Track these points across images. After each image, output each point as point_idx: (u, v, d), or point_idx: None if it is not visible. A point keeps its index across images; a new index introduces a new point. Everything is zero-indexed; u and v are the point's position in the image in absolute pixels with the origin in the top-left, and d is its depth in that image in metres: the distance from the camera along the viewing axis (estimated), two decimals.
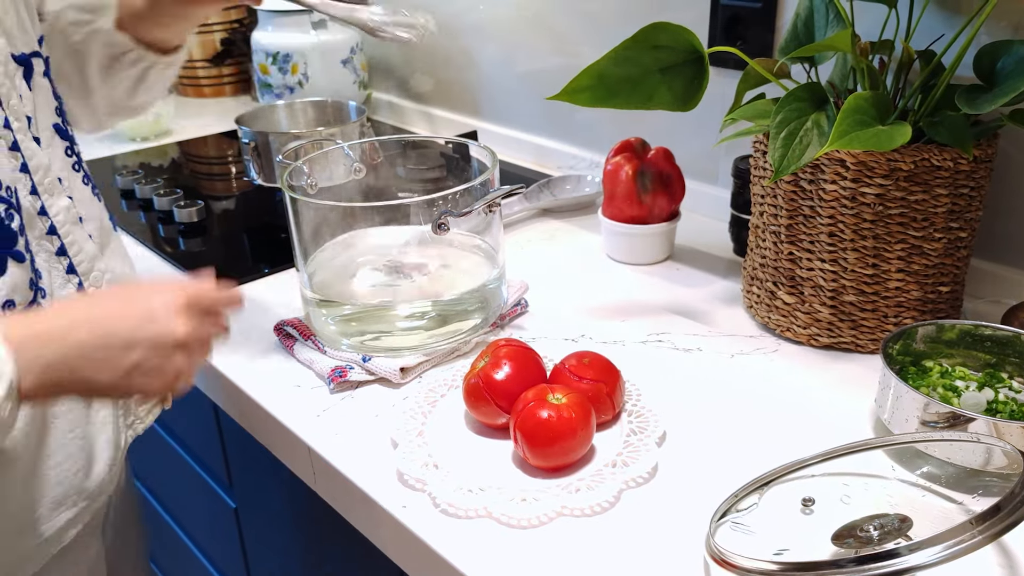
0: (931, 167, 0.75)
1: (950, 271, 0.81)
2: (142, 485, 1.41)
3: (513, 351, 0.74)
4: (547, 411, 0.66)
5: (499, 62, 1.40)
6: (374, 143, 0.99)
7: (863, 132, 0.71)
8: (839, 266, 0.80)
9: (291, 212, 0.83)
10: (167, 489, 1.33)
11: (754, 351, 0.85)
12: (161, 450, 1.24)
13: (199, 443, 1.13)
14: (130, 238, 1.15)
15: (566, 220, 1.18)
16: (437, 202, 0.79)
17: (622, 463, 0.68)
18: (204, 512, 1.20)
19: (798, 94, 0.76)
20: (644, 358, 0.84)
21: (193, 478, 1.17)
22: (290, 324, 0.87)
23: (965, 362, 0.75)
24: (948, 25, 0.86)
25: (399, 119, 1.64)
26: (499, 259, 0.88)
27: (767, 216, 0.85)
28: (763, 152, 0.84)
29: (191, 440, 1.16)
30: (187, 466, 1.18)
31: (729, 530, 0.61)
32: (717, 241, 1.08)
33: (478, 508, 0.65)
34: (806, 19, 0.86)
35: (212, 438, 1.06)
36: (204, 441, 1.10)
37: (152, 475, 1.36)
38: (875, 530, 0.57)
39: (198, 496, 1.18)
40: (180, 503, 1.30)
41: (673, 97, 0.80)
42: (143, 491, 1.40)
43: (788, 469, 0.66)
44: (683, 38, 0.78)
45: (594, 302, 0.95)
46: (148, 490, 1.40)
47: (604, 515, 0.64)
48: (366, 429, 0.75)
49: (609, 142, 1.15)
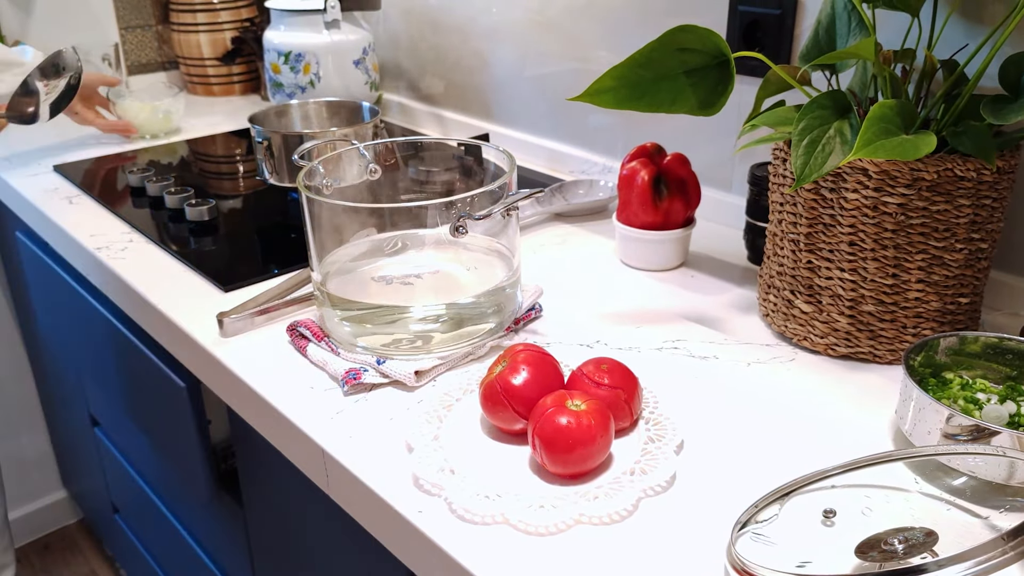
0: (954, 177, 0.75)
1: (970, 282, 0.81)
2: (147, 487, 1.40)
3: (531, 356, 0.73)
4: (566, 417, 0.66)
5: (512, 65, 1.39)
6: (389, 144, 0.99)
7: (888, 141, 0.70)
8: (859, 276, 0.80)
9: (307, 212, 0.83)
10: (175, 494, 1.32)
11: (771, 360, 0.84)
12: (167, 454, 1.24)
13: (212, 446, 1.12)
14: (140, 235, 1.15)
15: (579, 225, 1.17)
16: (456, 204, 0.79)
17: (640, 471, 0.67)
18: (212, 515, 1.19)
19: (821, 101, 0.76)
20: (660, 365, 0.83)
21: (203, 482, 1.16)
22: (303, 325, 0.87)
23: (985, 375, 0.74)
24: (971, 35, 0.85)
25: (410, 121, 1.64)
26: (515, 263, 0.87)
27: (786, 224, 0.84)
28: (784, 159, 0.83)
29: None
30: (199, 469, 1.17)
31: (750, 541, 0.61)
32: (731, 248, 1.07)
33: (495, 514, 0.64)
34: (828, 26, 0.85)
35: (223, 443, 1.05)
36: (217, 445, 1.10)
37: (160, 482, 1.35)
38: (900, 544, 0.56)
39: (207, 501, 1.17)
40: (186, 506, 1.29)
41: (697, 101, 0.79)
42: (149, 493, 1.39)
43: (808, 480, 0.65)
44: (710, 41, 0.77)
45: (608, 308, 0.95)
46: (155, 493, 1.39)
47: (622, 523, 0.64)
48: (381, 432, 0.74)
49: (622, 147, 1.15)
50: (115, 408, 1.38)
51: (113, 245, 1.12)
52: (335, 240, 0.86)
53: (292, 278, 0.98)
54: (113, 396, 1.32)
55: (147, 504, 1.41)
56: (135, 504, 1.50)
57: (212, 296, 0.99)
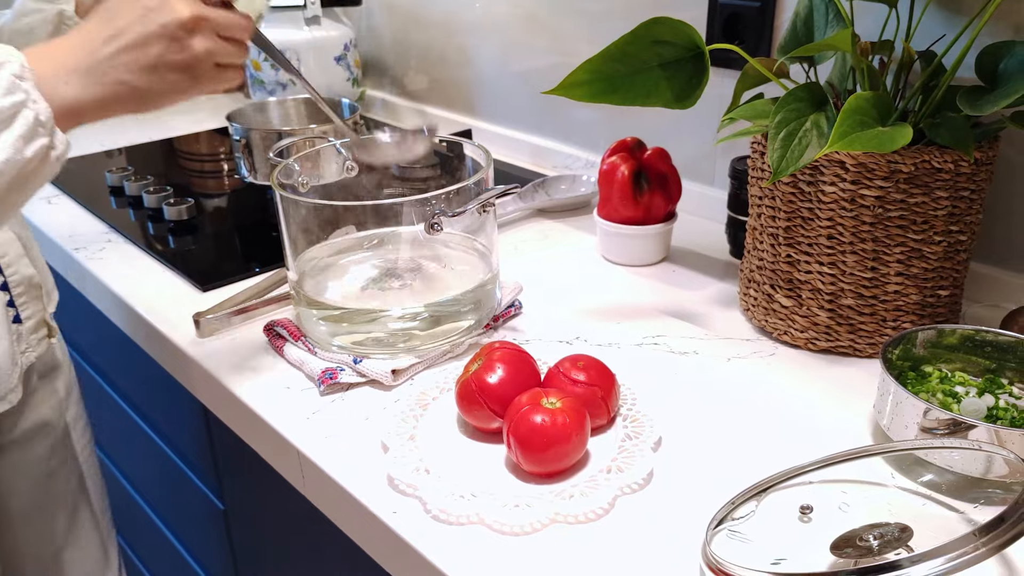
0: (932, 169, 0.74)
1: (949, 275, 0.80)
2: (131, 487, 1.39)
3: (507, 354, 0.72)
4: (541, 416, 0.65)
5: (495, 60, 1.39)
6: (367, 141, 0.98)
7: (864, 133, 0.70)
8: (838, 269, 0.79)
9: (281, 211, 0.82)
10: (155, 491, 1.31)
11: (751, 355, 0.84)
12: (149, 452, 1.23)
13: (188, 445, 1.11)
14: (118, 235, 1.14)
15: (561, 220, 1.16)
16: (430, 202, 0.78)
17: (617, 469, 0.67)
18: (193, 515, 1.18)
19: (797, 94, 0.75)
20: (639, 361, 0.83)
21: (182, 480, 1.16)
22: (280, 324, 0.86)
23: (965, 367, 0.74)
24: (949, 26, 0.85)
25: (393, 117, 1.63)
26: (493, 260, 0.87)
27: (765, 218, 0.84)
28: (761, 153, 0.83)
29: (180, 442, 1.14)
30: (176, 468, 1.16)
31: (726, 538, 0.60)
32: (713, 243, 1.07)
33: (470, 514, 0.63)
34: (805, 18, 0.85)
35: (201, 440, 1.04)
36: (193, 443, 1.09)
37: (140, 477, 1.34)
38: (875, 539, 0.56)
39: (187, 499, 1.17)
40: (168, 506, 1.28)
41: (672, 94, 0.78)
42: (131, 492, 1.39)
43: (786, 476, 0.64)
44: (684, 33, 0.77)
45: (589, 304, 0.94)
46: (137, 492, 1.38)
47: (598, 522, 0.63)
48: (356, 432, 0.74)
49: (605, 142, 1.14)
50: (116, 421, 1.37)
51: (91, 246, 1.11)
52: (311, 239, 0.85)
53: (270, 277, 0.97)
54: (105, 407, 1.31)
55: (132, 505, 1.41)
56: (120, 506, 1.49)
57: (190, 296, 0.98)
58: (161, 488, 1.28)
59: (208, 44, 0.64)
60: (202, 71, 0.64)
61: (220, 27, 0.65)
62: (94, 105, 0.61)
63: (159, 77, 0.62)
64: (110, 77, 0.61)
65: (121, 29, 0.61)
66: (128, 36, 0.61)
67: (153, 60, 0.61)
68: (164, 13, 0.61)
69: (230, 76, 0.68)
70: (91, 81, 0.60)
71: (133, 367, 1.13)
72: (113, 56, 0.61)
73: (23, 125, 0.57)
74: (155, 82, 0.62)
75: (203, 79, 0.65)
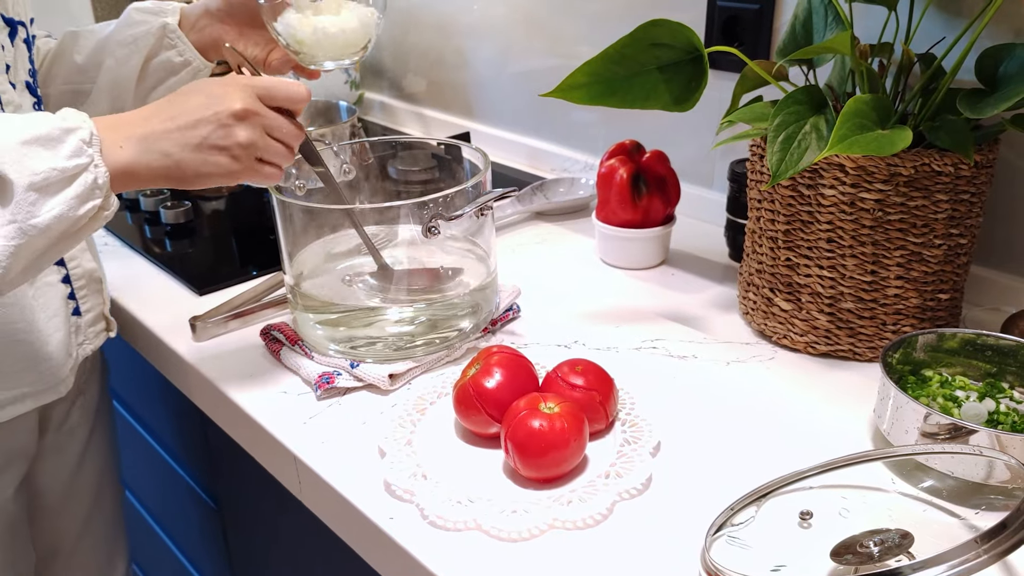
0: (931, 172, 0.74)
1: (950, 278, 0.80)
2: (129, 492, 1.38)
3: (505, 358, 0.72)
4: (539, 421, 0.65)
5: (493, 63, 1.38)
6: (364, 144, 0.97)
7: (863, 136, 0.69)
8: (837, 272, 0.79)
9: (278, 214, 0.81)
10: (153, 496, 1.30)
11: (750, 359, 0.83)
12: (147, 457, 1.22)
13: (186, 450, 1.11)
14: (115, 239, 1.13)
15: (559, 223, 1.16)
16: (427, 205, 0.77)
17: (615, 474, 0.66)
18: (191, 519, 1.18)
19: (796, 97, 0.75)
20: (638, 365, 0.82)
21: (179, 485, 1.15)
22: (277, 328, 0.86)
23: (965, 371, 0.74)
24: (948, 28, 0.84)
25: (391, 120, 1.63)
26: (491, 263, 0.86)
27: (764, 221, 0.83)
28: (760, 156, 0.82)
29: (178, 447, 1.14)
30: (173, 473, 1.16)
31: (725, 544, 0.60)
32: (712, 246, 1.07)
33: (467, 520, 0.63)
34: (805, 20, 0.84)
35: (199, 445, 1.04)
36: (191, 448, 1.09)
37: (136, 480, 1.33)
38: (875, 546, 0.55)
39: (185, 503, 1.16)
40: (167, 510, 1.28)
41: (671, 97, 0.78)
42: (128, 495, 1.38)
43: (785, 481, 0.64)
44: (682, 35, 0.76)
45: (588, 307, 0.94)
46: (135, 497, 1.37)
47: (597, 528, 0.63)
48: (353, 437, 0.73)
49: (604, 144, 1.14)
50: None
51: None
52: (308, 242, 0.84)
53: (266, 281, 0.97)
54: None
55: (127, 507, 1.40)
56: None
57: (187, 300, 0.97)
58: (156, 490, 1.28)
59: (253, 137, 0.69)
60: (242, 160, 0.69)
61: (270, 126, 0.70)
62: (143, 171, 0.66)
63: (201, 156, 0.67)
64: (158, 147, 0.66)
65: (182, 111, 0.67)
66: (185, 117, 0.67)
67: (198, 140, 0.67)
68: (221, 102, 0.68)
69: (269, 172, 0.72)
70: (142, 149, 0.66)
71: (130, 370, 1.13)
72: (166, 131, 0.67)
73: (81, 186, 0.62)
74: (197, 160, 0.67)
75: (243, 168, 0.69)
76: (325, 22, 0.83)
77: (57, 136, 0.62)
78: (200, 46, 0.90)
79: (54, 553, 0.97)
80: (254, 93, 0.69)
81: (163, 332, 0.91)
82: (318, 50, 0.85)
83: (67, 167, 0.62)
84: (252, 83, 0.70)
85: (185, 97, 0.69)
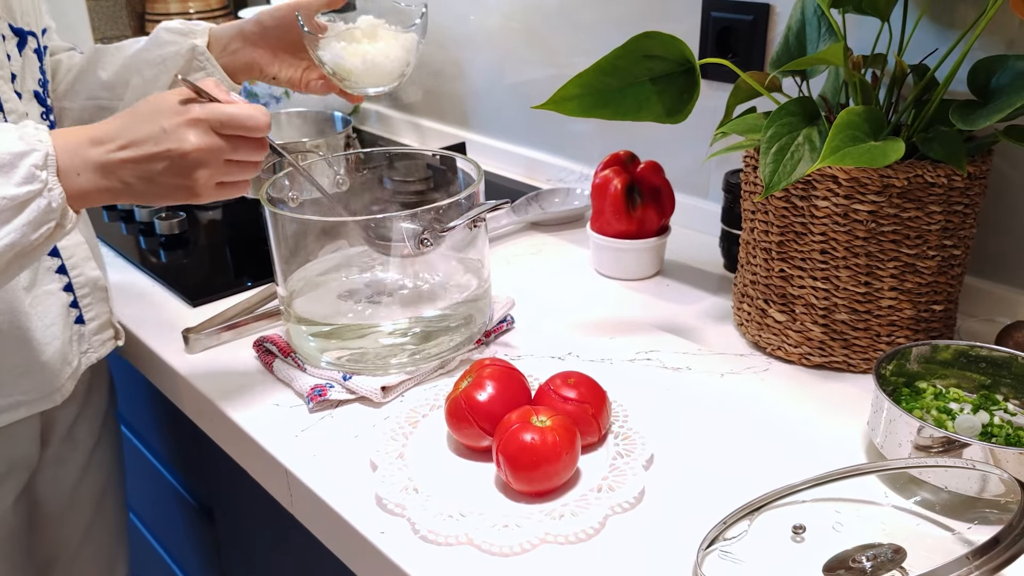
0: (925, 184, 0.74)
1: (944, 289, 0.80)
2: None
3: (497, 371, 0.72)
4: (531, 434, 0.64)
5: (489, 73, 1.38)
6: (359, 155, 0.97)
7: (856, 148, 0.69)
8: (831, 284, 0.79)
9: (271, 226, 0.81)
10: (146, 505, 1.30)
11: (744, 370, 0.83)
12: (140, 467, 1.22)
13: (179, 460, 1.10)
14: (109, 249, 1.13)
15: (554, 234, 1.16)
16: (421, 216, 0.77)
17: (608, 488, 0.66)
18: (183, 529, 1.17)
19: (789, 108, 0.74)
20: (632, 377, 0.82)
21: (172, 494, 1.15)
22: (270, 340, 0.85)
23: (959, 383, 0.73)
24: (941, 39, 0.84)
25: (387, 130, 1.63)
26: (484, 274, 0.86)
27: (758, 232, 0.83)
28: (754, 167, 0.82)
29: (170, 456, 1.13)
30: (166, 482, 1.15)
31: (718, 559, 0.59)
32: (707, 256, 1.06)
33: (459, 535, 0.62)
34: (798, 32, 0.84)
35: (192, 454, 1.03)
36: (184, 458, 1.08)
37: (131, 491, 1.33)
38: (868, 561, 0.55)
39: (177, 513, 1.16)
40: (159, 519, 1.27)
41: (663, 108, 0.78)
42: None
43: (778, 495, 0.64)
44: (675, 48, 0.76)
45: (582, 318, 0.93)
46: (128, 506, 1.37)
47: (589, 542, 0.62)
48: (345, 450, 0.73)
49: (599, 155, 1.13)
50: None
51: None
52: (301, 254, 0.84)
53: (260, 292, 0.96)
54: None
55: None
56: None
57: (180, 311, 0.97)
58: (149, 499, 1.27)
59: (210, 171, 0.68)
60: (202, 189, 0.68)
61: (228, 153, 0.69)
62: (101, 194, 0.67)
63: (158, 187, 0.68)
64: (116, 176, 0.67)
65: (136, 140, 0.66)
66: (140, 149, 0.66)
67: (155, 173, 0.67)
68: (174, 140, 0.66)
69: (233, 191, 0.71)
70: (100, 176, 0.66)
71: (122, 380, 1.13)
72: (123, 161, 0.66)
73: (34, 211, 0.63)
74: (155, 189, 0.68)
75: (205, 195, 0.69)
76: (373, 52, 0.85)
77: (9, 161, 0.62)
78: (231, 69, 0.91)
79: (53, 561, 0.96)
80: (208, 127, 0.67)
81: (156, 344, 0.90)
82: (365, 79, 0.87)
83: (17, 194, 0.62)
84: (208, 116, 0.67)
85: (140, 122, 0.67)
